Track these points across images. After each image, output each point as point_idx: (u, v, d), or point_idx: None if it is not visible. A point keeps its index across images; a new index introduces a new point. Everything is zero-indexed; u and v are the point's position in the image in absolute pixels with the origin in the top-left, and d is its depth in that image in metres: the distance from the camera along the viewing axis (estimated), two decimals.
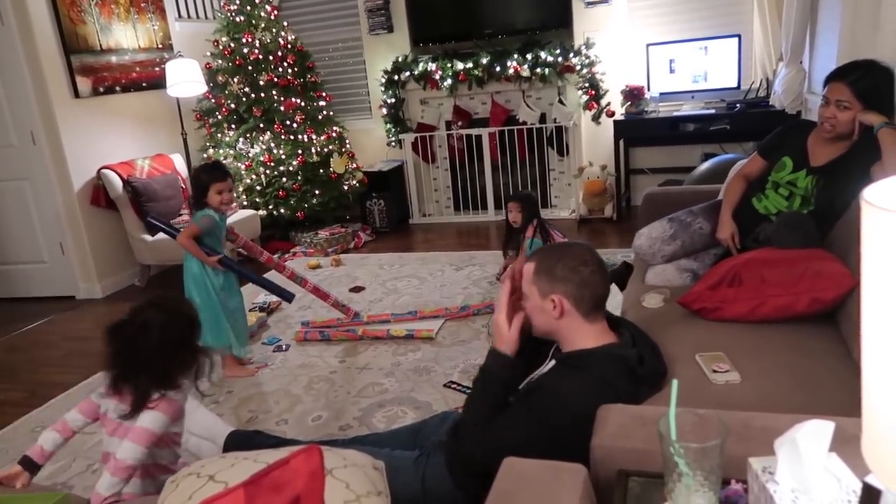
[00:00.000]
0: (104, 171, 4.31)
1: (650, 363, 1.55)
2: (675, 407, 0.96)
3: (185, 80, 4.65)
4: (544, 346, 1.67)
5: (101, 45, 4.42)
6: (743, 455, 1.01)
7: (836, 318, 1.88)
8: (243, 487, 0.70)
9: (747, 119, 4.39)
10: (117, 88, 4.55)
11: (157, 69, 4.81)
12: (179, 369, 1.69)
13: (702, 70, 4.70)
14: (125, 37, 4.62)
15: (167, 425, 1.66)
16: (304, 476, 0.72)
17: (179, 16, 5.17)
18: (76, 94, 4.25)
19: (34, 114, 4.14)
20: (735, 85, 4.64)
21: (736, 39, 4.57)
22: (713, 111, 4.57)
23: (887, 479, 0.62)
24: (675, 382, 0.99)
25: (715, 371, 1.63)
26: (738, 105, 4.48)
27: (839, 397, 1.52)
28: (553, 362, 1.61)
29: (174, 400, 1.68)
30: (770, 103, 4.34)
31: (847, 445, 1.00)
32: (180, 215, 4.44)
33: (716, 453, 0.91)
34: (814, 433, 0.84)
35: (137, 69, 4.71)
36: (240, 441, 2.13)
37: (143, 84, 4.76)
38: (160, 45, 4.92)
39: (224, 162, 4.97)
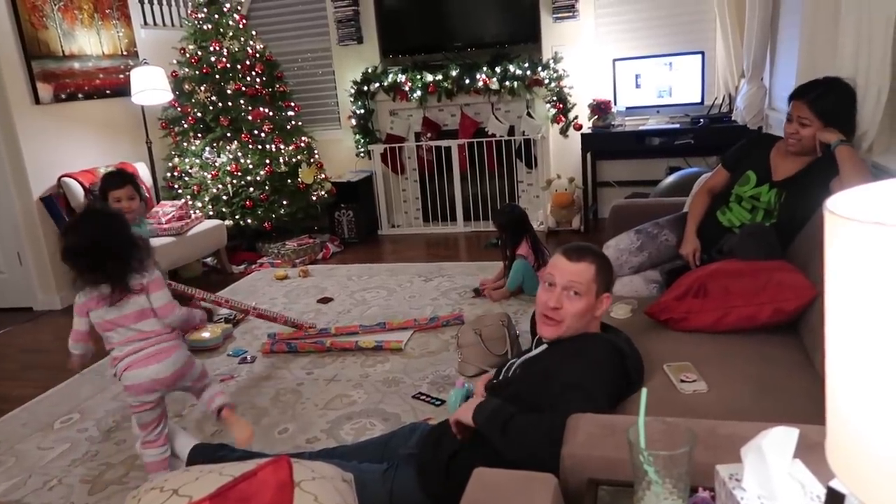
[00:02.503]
0: (65, 179, 4.20)
1: (633, 356, 1.66)
2: (645, 416, 0.97)
3: (151, 87, 4.57)
4: None
5: (63, 51, 4.33)
6: (710, 462, 1.02)
7: (797, 328, 1.93)
8: (209, 500, 0.69)
9: (711, 134, 4.49)
10: (80, 95, 4.46)
11: (121, 76, 4.73)
12: (138, 253, 2.01)
13: (667, 85, 4.80)
14: (89, 43, 4.53)
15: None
16: (273, 488, 0.71)
17: (145, 23, 5.09)
18: (37, 101, 4.15)
19: None
20: (699, 100, 4.74)
21: (700, 56, 4.68)
22: (678, 126, 4.66)
23: (851, 483, 0.63)
24: (644, 391, 1.00)
25: (682, 381, 1.65)
26: (701, 120, 4.57)
27: (802, 405, 1.55)
28: (544, 346, 1.69)
29: (155, 276, 2.04)
30: (732, 118, 4.45)
31: (811, 452, 1.02)
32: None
33: (684, 461, 0.92)
34: (779, 440, 0.86)
35: (101, 76, 4.62)
36: (204, 454, 2.09)
37: (107, 91, 4.67)
38: (125, 52, 4.84)
39: (190, 171, 4.92)
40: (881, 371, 0.58)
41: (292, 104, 5.25)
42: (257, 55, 5.05)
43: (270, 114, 4.99)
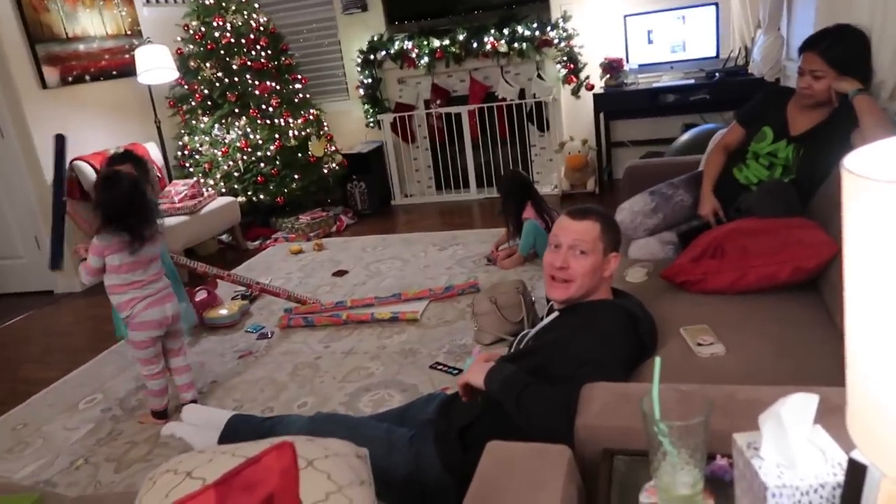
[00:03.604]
0: (77, 162, 4.21)
1: (646, 320, 1.63)
2: (659, 384, 0.94)
3: (156, 66, 4.54)
4: None
5: (66, 34, 4.30)
6: (728, 429, 1.00)
7: (818, 285, 1.88)
8: (214, 488, 0.68)
9: (727, 88, 4.37)
10: (86, 77, 4.44)
11: (126, 56, 4.70)
12: (155, 209, 2.47)
13: (680, 40, 4.67)
14: (91, 24, 4.49)
15: None
16: (277, 474, 0.70)
17: (147, 1, 5.03)
18: (44, 85, 4.14)
19: (1, 106, 4.03)
20: (714, 54, 4.61)
21: (714, 7, 4.53)
22: (692, 81, 4.54)
23: (872, 454, 0.60)
24: (657, 360, 0.98)
25: (699, 344, 1.62)
26: (717, 74, 4.45)
27: (823, 365, 1.52)
28: (556, 314, 1.67)
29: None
30: (749, 71, 4.32)
31: (832, 416, 0.99)
32: (158, 204, 4.36)
33: (700, 430, 0.90)
34: (798, 407, 0.83)
35: (106, 57, 4.59)
36: (241, 421, 2.08)
37: (113, 72, 4.64)
38: (129, 32, 4.80)
39: (200, 149, 4.90)
40: None
41: (299, 77, 5.20)
42: (261, 28, 4.98)
43: (278, 87, 4.94)
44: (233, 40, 4.82)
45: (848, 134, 2.02)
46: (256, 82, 4.85)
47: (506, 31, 4.97)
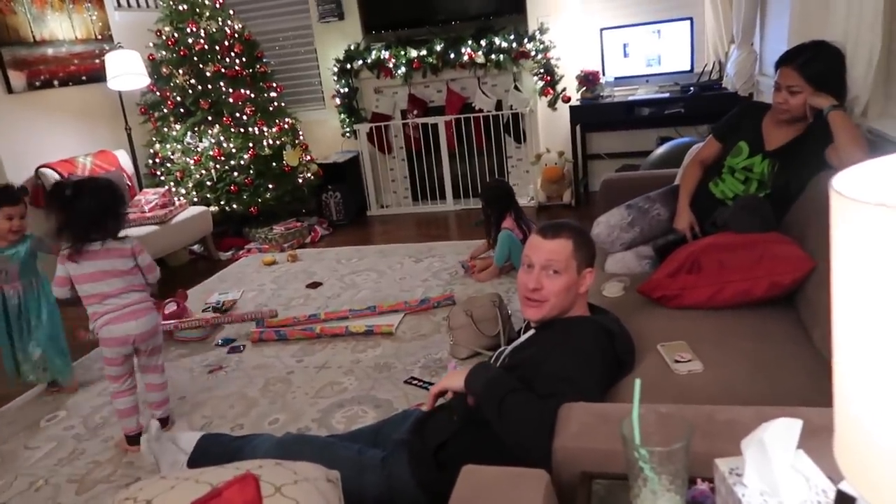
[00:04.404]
0: (43, 169, 4.09)
1: (622, 335, 1.61)
2: (639, 406, 0.92)
3: (127, 72, 4.45)
4: None
5: (34, 37, 4.20)
6: (708, 452, 0.97)
7: (794, 301, 1.88)
8: None
9: (701, 102, 4.41)
10: (55, 82, 4.34)
11: (96, 61, 4.60)
12: (121, 219, 2.35)
13: (655, 54, 4.71)
14: (60, 28, 4.39)
15: None
16: None
17: (119, 5, 4.94)
18: (9, 90, 4.03)
19: None
20: (688, 68, 4.66)
21: (688, 22, 4.58)
22: (668, 95, 4.58)
23: (863, 487, 0.58)
24: (637, 382, 0.95)
25: (677, 361, 1.60)
26: (691, 88, 4.49)
27: (800, 383, 1.51)
28: (532, 331, 1.65)
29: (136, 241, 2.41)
30: (723, 85, 4.37)
31: (813, 438, 0.97)
32: (127, 214, 4.25)
33: (681, 455, 0.87)
34: (781, 432, 0.81)
35: (76, 62, 4.49)
36: (211, 443, 2.00)
37: (83, 77, 4.54)
38: (99, 36, 4.70)
39: (172, 157, 4.81)
40: (893, 363, 0.52)
41: (274, 85, 5.13)
42: (236, 35, 4.91)
43: (252, 95, 4.87)
44: (206, 47, 4.74)
45: (822, 150, 2.03)
46: (230, 90, 4.78)
47: (483, 43, 4.97)
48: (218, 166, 4.74)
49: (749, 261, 1.87)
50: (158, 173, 4.87)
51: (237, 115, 4.78)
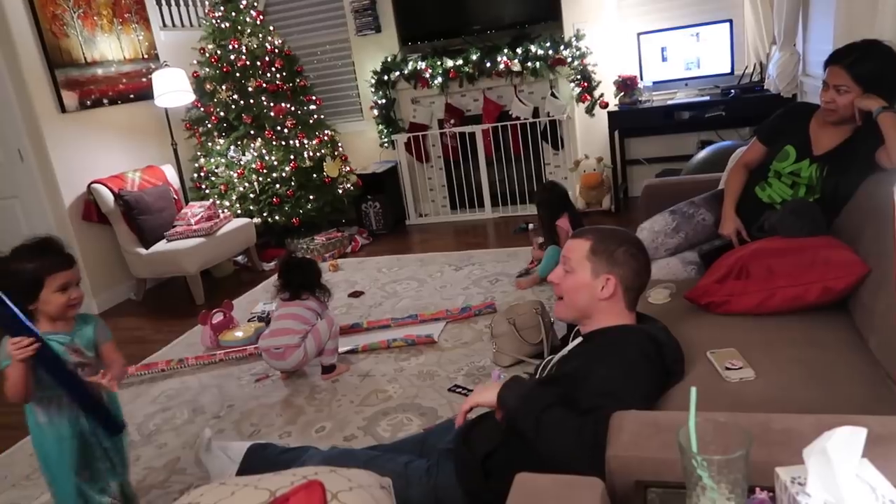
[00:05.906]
0: (95, 185, 4.24)
1: (670, 344, 1.58)
2: (695, 414, 0.91)
3: (173, 89, 4.59)
4: None
5: (85, 59, 4.35)
6: (765, 460, 0.96)
7: (847, 306, 1.84)
8: None
9: (742, 105, 4.34)
10: (104, 101, 4.49)
11: (143, 80, 4.75)
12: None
13: (694, 57, 4.65)
14: (110, 48, 4.55)
15: None
16: None
17: (164, 25, 5.10)
18: (62, 109, 4.19)
19: (20, 130, 4.08)
20: (728, 70, 4.59)
21: (727, 24, 4.52)
22: (708, 98, 4.52)
23: None
24: (693, 390, 0.95)
25: (728, 368, 1.58)
26: (732, 91, 4.43)
27: (856, 390, 1.48)
28: (580, 339, 1.63)
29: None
30: (765, 87, 4.29)
31: (876, 447, 0.95)
32: (174, 227, 4.38)
33: (741, 464, 0.87)
34: (844, 441, 0.80)
35: (124, 81, 4.65)
36: (260, 454, 2.04)
37: (131, 96, 4.69)
38: (146, 56, 4.85)
39: (216, 171, 4.92)
40: None
41: (314, 98, 5.23)
42: (276, 50, 5.02)
43: (293, 109, 4.97)
44: (248, 63, 4.86)
45: (872, 153, 1.99)
46: (272, 104, 4.88)
47: (519, 51, 4.98)
48: (260, 179, 4.84)
49: (799, 266, 1.83)
50: (203, 187, 4.99)
51: (278, 128, 4.88)
